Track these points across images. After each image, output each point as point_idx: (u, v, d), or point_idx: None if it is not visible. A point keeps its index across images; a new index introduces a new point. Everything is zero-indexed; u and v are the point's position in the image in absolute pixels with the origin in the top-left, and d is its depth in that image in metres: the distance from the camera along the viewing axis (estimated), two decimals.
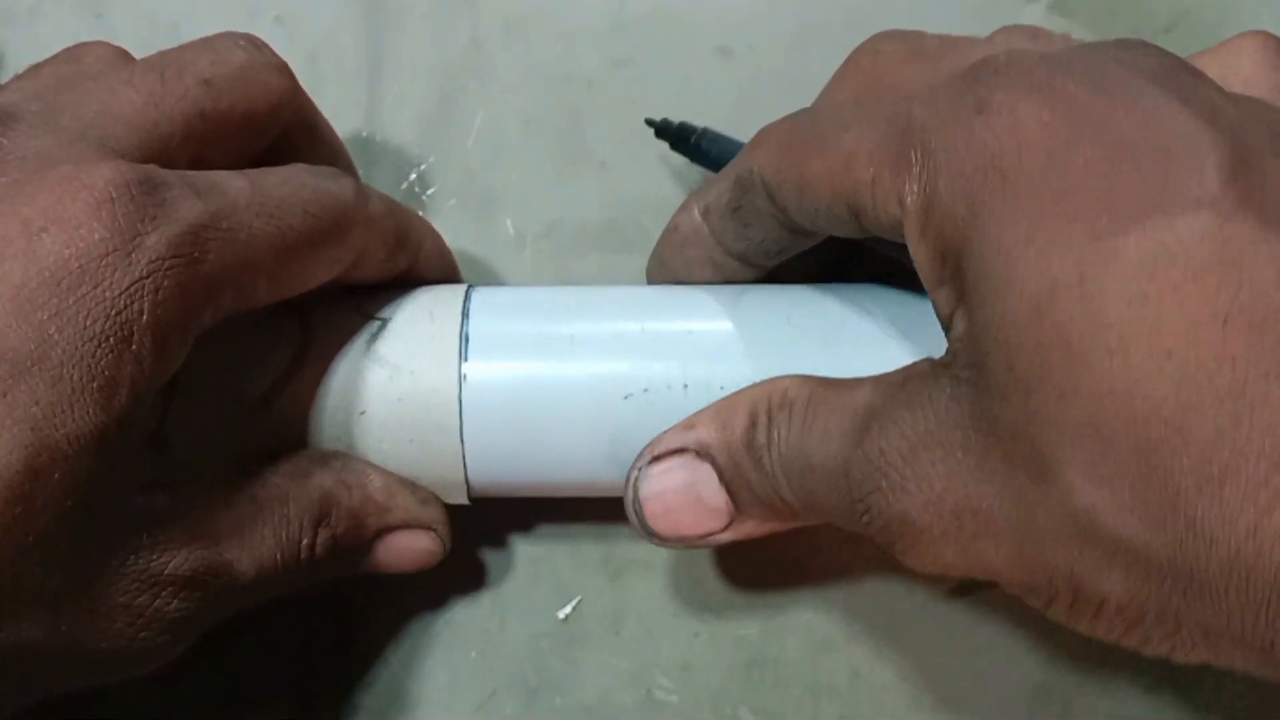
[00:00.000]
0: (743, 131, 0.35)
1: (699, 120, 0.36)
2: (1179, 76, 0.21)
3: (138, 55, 0.36)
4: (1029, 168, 0.20)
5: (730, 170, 0.27)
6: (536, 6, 0.37)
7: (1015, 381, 0.20)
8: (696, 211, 0.28)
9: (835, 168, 0.24)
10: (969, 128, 0.21)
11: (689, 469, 0.26)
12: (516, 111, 0.36)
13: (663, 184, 0.35)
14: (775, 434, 0.25)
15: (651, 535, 0.27)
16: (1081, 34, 0.36)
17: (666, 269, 0.30)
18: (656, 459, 0.26)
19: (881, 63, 0.28)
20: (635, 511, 0.26)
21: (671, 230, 0.29)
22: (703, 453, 0.26)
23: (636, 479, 0.26)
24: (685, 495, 0.26)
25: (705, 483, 0.26)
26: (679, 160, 0.35)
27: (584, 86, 0.36)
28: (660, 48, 0.36)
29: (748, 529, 0.27)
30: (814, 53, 0.36)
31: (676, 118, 0.35)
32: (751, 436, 0.25)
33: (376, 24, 0.36)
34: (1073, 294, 0.19)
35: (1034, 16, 0.36)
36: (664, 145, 0.34)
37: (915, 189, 0.22)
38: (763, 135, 0.27)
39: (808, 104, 0.36)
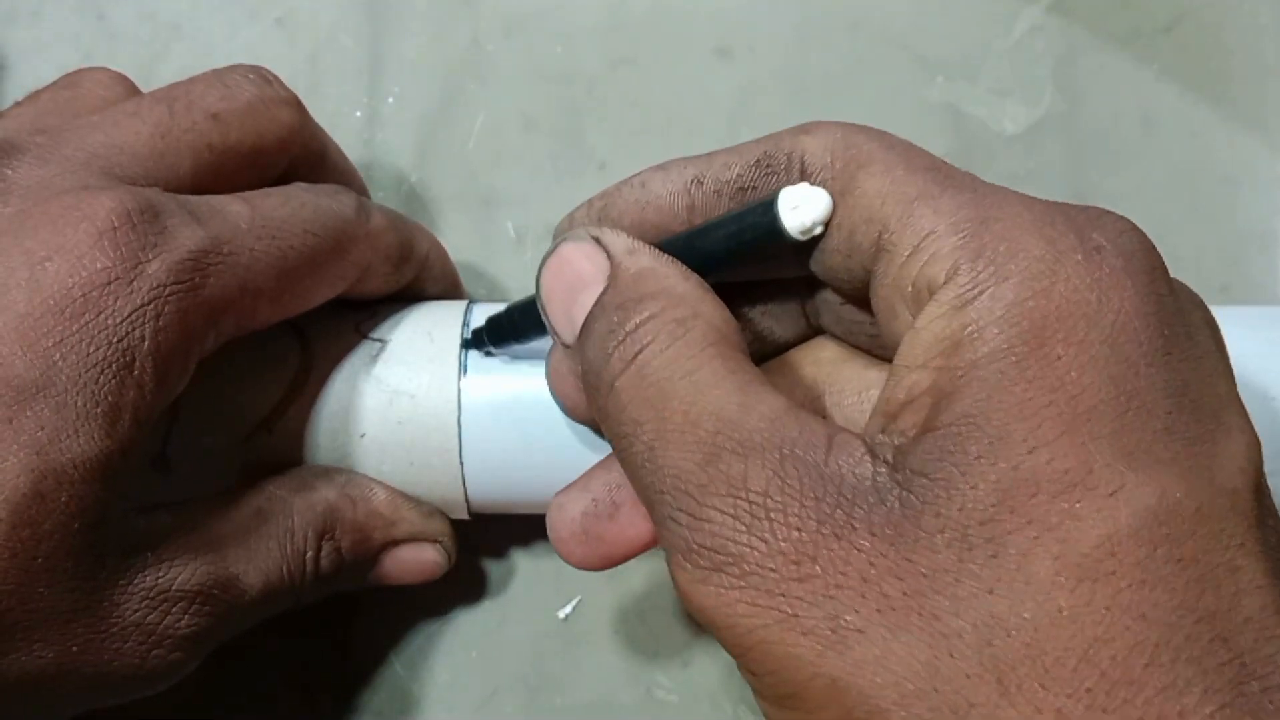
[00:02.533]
0: (742, 131, 0.36)
1: (698, 118, 0.36)
2: None
3: (139, 56, 0.36)
4: (1099, 367, 0.19)
5: (748, 147, 0.24)
6: (536, 6, 0.37)
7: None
8: (679, 177, 0.24)
9: (897, 193, 0.21)
10: (1072, 266, 0.19)
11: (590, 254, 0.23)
12: (516, 112, 0.36)
13: None
14: (645, 327, 0.21)
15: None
16: (1081, 34, 0.36)
17: (610, 220, 0.25)
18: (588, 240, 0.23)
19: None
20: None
21: (637, 185, 0.25)
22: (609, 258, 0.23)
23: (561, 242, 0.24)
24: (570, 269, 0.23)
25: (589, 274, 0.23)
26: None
27: (584, 86, 0.36)
28: (660, 48, 0.36)
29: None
30: (814, 53, 0.36)
31: (675, 119, 0.35)
32: (630, 301, 0.22)
33: (377, 25, 0.37)
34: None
35: (1034, 16, 0.36)
36: (661, 147, 0.34)
37: (972, 287, 0.20)
38: (817, 124, 0.23)
39: (807, 104, 0.36)
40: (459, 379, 0.28)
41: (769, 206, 0.22)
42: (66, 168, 0.24)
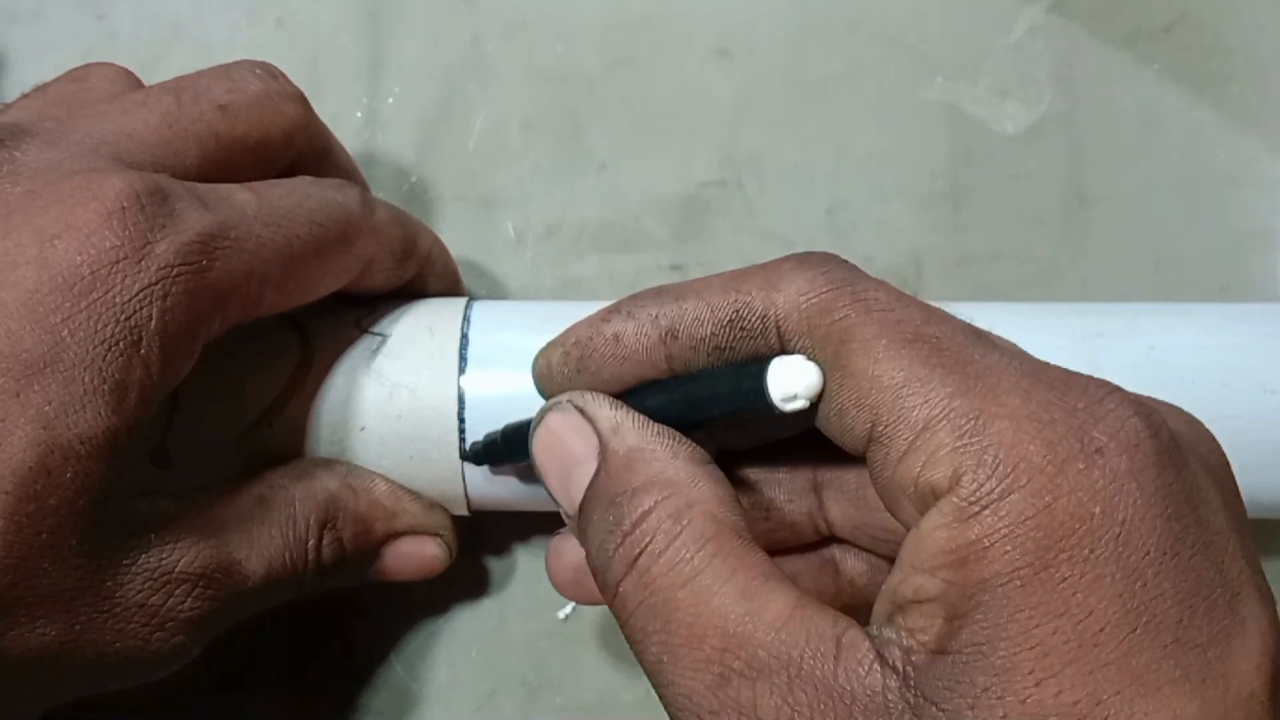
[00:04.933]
0: (741, 132, 0.36)
1: (698, 118, 0.36)
2: None
3: (139, 55, 0.36)
4: (1116, 585, 0.18)
5: (717, 297, 0.23)
6: (536, 6, 0.37)
7: None
8: (653, 331, 0.24)
9: (883, 376, 0.21)
10: (1075, 473, 0.19)
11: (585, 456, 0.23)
12: (516, 112, 0.36)
13: (663, 184, 0.35)
14: (641, 527, 0.22)
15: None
16: (1081, 34, 0.36)
17: (588, 375, 0.25)
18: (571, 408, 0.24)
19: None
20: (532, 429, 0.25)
21: (611, 339, 0.24)
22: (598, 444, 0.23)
23: (548, 410, 0.24)
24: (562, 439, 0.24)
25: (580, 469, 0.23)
26: (680, 162, 0.35)
27: (584, 86, 0.36)
28: (660, 48, 0.36)
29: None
30: (814, 53, 0.36)
31: (675, 119, 0.35)
32: (624, 497, 0.22)
33: (377, 25, 0.37)
34: None
35: (1034, 16, 0.36)
36: (661, 147, 0.34)
37: (975, 500, 0.19)
38: (784, 274, 0.23)
39: (807, 104, 0.36)
40: (459, 374, 0.28)
41: (760, 388, 0.22)
42: (75, 152, 0.24)
